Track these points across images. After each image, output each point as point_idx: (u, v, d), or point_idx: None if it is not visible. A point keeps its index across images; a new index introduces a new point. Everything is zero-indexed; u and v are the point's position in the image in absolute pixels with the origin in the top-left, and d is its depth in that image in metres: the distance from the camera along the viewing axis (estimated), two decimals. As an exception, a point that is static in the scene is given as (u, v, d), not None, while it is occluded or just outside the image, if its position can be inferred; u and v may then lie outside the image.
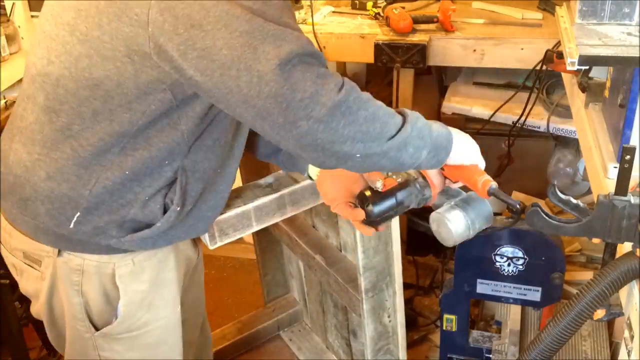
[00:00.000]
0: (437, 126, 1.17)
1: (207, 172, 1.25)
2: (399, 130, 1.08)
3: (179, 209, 1.23)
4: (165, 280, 1.34)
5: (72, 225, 1.21)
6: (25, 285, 1.39)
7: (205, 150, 1.22)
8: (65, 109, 1.16)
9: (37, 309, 1.41)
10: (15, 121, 1.26)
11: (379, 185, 1.24)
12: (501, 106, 2.28)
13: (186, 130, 1.17)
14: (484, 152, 1.25)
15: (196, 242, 1.44)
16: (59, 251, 1.26)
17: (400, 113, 1.12)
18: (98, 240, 1.23)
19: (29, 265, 1.33)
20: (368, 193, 1.23)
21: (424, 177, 1.25)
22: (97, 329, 1.31)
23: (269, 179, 1.42)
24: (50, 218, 1.22)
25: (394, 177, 1.25)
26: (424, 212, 1.19)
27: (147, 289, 1.31)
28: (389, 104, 2.46)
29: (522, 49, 2.13)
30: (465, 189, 1.26)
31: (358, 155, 1.06)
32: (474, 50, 2.16)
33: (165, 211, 1.23)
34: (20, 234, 1.30)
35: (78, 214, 1.20)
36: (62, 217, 1.21)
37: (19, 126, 1.24)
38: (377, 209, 1.22)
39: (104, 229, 1.21)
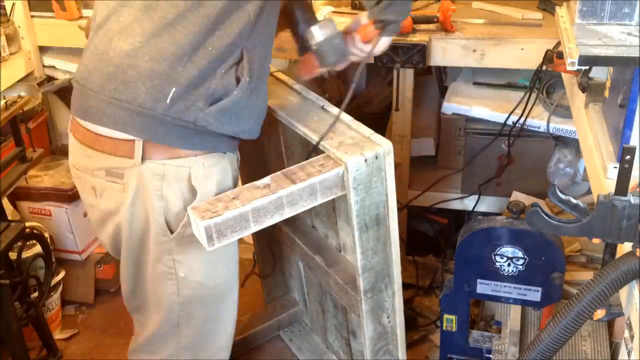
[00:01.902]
0: None
1: (260, 55, 1.49)
2: None
3: (248, 79, 1.44)
4: (225, 189, 1.51)
5: (168, 101, 1.39)
6: (106, 204, 1.55)
7: (260, 35, 1.47)
8: (161, 4, 1.41)
9: (109, 230, 1.58)
10: (111, 26, 1.46)
11: None
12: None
13: (252, 12, 1.43)
14: (484, 152, 1.23)
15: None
16: (143, 159, 1.44)
17: None
18: (187, 116, 1.41)
19: (111, 181, 1.50)
20: None
21: None
22: (172, 233, 1.50)
23: (266, 180, 1.42)
24: (149, 96, 1.40)
25: None
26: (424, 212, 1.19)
27: (215, 193, 1.48)
28: (389, 104, 2.46)
29: (522, 49, 2.13)
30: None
31: None
32: (474, 50, 2.16)
33: (237, 80, 1.44)
34: (102, 153, 1.48)
35: (174, 89, 1.39)
36: (160, 93, 1.39)
37: (114, 29, 1.45)
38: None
39: (193, 102, 1.41)
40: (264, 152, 2.12)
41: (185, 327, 1.64)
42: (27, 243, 2.19)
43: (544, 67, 2.06)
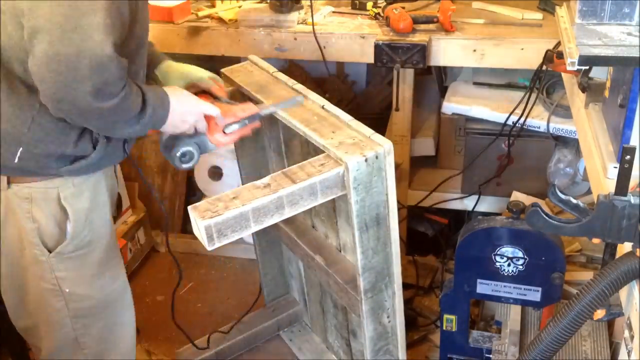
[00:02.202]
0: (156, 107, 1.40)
1: None
2: None
3: (105, 140, 1.45)
4: (100, 202, 1.56)
5: (16, 160, 1.39)
6: None
7: None
8: (4, 57, 1.33)
9: None
10: None
11: None
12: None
13: None
14: (484, 152, 1.23)
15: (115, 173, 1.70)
16: (8, 183, 1.44)
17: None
18: (40, 172, 1.43)
19: None
20: None
21: None
22: (50, 252, 1.51)
23: (266, 179, 1.42)
24: None
25: None
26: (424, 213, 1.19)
27: (89, 208, 1.52)
28: (389, 104, 2.47)
29: (522, 49, 2.13)
30: None
31: None
32: (474, 50, 2.16)
33: (94, 145, 1.44)
34: None
35: (21, 149, 1.38)
36: (7, 152, 1.39)
37: None
38: None
39: (45, 163, 1.41)
40: (264, 152, 2.12)
41: (85, 340, 1.64)
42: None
43: (544, 67, 2.06)
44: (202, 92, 1.66)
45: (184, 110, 1.47)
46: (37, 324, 1.63)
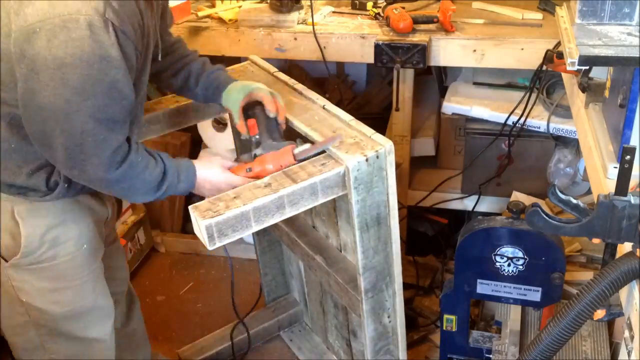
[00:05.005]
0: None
1: None
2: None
3: (66, 185, 1.44)
4: (67, 220, 1.51)
5: None
6: None
7: None
8: None
9: None
10: None
11: None
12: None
13: None
14: (484, 152, 1.23)
15: (105, 201, 1.63)
16: None
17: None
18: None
19: None
20: None
21: None
22: (6, 261, 1.50)
23: (267, 179, 1.42)
24: None
25: None
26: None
27: (48, 224, 1.48)
28: (389, 104, 2.46)
29: (522, 49, 2.13)
30: None
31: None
32: (474, 50, 2.16)
33: (49, 185, 1.43)
34: None
35: None
36: None
37: None
38: None
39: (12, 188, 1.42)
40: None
41: (51, 346, 1.62)
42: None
43: (544, 67, 2.06)
44: (255, 102, 1.60)
45: (212, 187, 1.49)
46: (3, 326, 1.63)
